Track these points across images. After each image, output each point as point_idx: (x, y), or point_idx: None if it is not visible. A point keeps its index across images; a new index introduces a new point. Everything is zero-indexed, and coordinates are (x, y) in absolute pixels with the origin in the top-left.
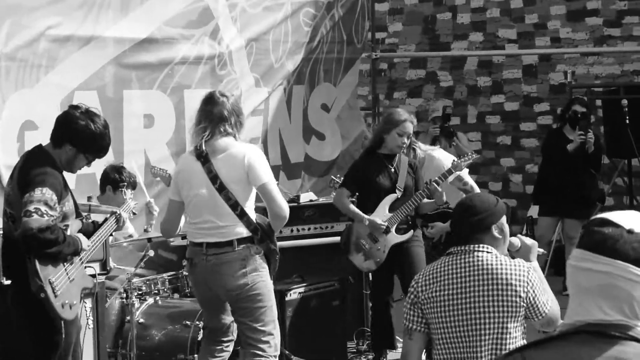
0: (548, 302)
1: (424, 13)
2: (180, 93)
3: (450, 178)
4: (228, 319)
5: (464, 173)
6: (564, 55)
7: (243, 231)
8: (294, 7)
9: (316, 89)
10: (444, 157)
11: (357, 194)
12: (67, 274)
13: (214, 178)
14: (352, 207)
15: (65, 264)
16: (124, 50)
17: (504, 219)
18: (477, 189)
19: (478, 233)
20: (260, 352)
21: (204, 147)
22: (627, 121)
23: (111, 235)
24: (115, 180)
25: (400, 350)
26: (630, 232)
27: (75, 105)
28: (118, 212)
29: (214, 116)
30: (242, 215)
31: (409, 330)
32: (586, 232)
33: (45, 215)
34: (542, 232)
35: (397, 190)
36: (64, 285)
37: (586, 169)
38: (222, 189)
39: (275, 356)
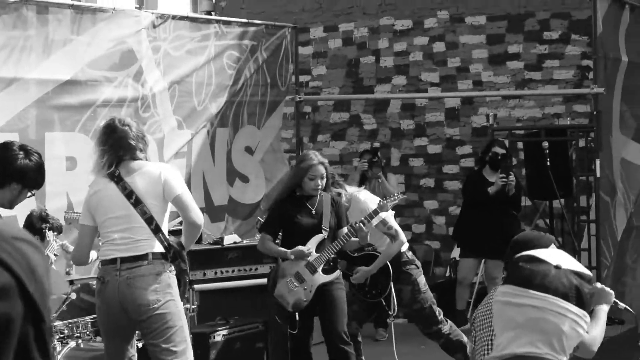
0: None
1: (347, 57)
2: None
3: (375, 221)
4: (129, 353)
5: (389, 216)
6: (485, 99)
7: (157, 246)
8: (217, 49)
9: (240, 132)
10: (369, 199)
11: (280, 235)
12: None
13: (129, 194)
14: (275, 246)
15: None
16: (47, 92)
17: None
18: (401, 233)
19: None
20: None
21: (116, 169)
22: (548, 163)
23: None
24: (41, 230)
25: None
26: (557, 267)
27: (5, 143)
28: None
29: (121, 146)
30: (157, 231)
31: None
32: (514, 269)
33: None
34: (464, 274)
35: (323, 231)
36: None
37: (507, 210)
38: (137, 203)
39: None
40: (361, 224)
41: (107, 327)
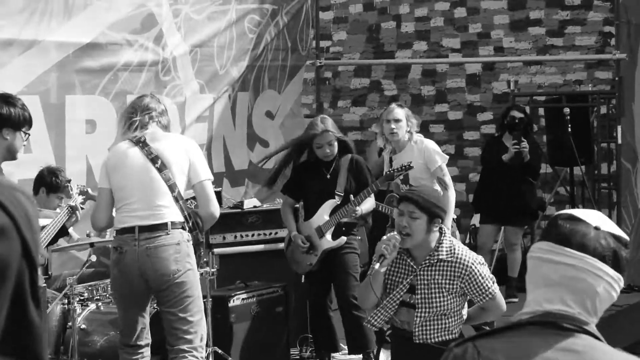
0: None
1: (368, 22)
2: (123, 98)
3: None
4: (145, 321)
5: (444, 165)
6: (507, 65)
7: (177, 215)
8: (239, 14)
9: (261, 96)
10: (432, 145)
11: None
12: None
13: (154, 158)
14: (288, 218)
15: None
16: (67, 54)
17: None
18: (451, 186)
19: None
20: (186, 346)
21: (141, 135)
22: (570, 129)
23: (66, 233)
24: (50, 184)
25: (344, 351)
26: (597, 228)
27: None
28: (71, 204)
29: (150, 110)
30: (178, 199)
31: None
32: (553, 226)
33: None
34: (484, 240)
35: (336, 196)
36: None
37: (524, 178)
38: (163, 168)
39: (202, 347)
40: (370, 190)
41: (124, 297)
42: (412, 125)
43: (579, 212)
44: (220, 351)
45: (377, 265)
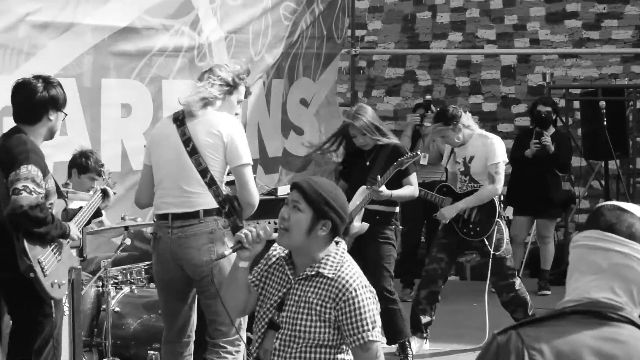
0: None
1: (403, 12)
2: (158, 83)
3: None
4: (188, 315)
5: (502, 164)
6: (542, 57)
7: (210, 201)
8: (274, 1)
9: (295, 84)
10: (498, 143)
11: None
12: (54, 253)
13: (187, 141)
14: None
15: (52, 244)
16: (103, 38)
17: None
18: (499, 183)
19: None
20: (221, 340)
21: (182, 112)
22: (605, 123)
23: (99, 214)
24: (81, 165)
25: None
26: None
27: (22, 81)
28: (103, 187)
29: (201, 80)
30: (211, 184)
31: None
32: (599, 214)
33: (33, 193)
34: (516, 232)
35: (368, 183)
36: (53, 264)
37: (551, 170)
38: (193, 152)
39: (238, 341)
40: (379, 177)
41: (162, 284)
42: (465, 119)
43: (623, 204)
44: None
45: (227, 252)
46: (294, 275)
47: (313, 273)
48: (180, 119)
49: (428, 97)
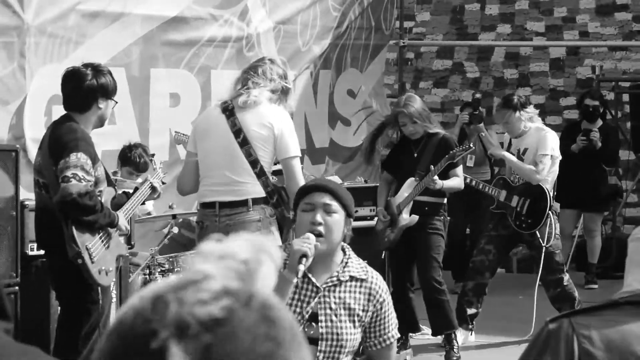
0: None
1: (452, 3)
2: (207, 73)
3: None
4: None
5: (547, 156)
6: (591, 50)
7: (259, 191)
8: None
9: (342, 75)
10: (551, 136)
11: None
12: (102, 240)
13: (237, 132)
14: (380, 191)
15: (101, 231)
16: (152, 28)
17: None
18: (544, 173)
19: None
20: None
21: (231, 102)
22: None
23: (143, 203)
24: (122, 156)
25: (425, 332)
26: None
27: (71, 70)
28: (151, 181)
29: (249, 73)
30: (261, 175)
31: None
32: None
33: (83, 180)
34: (563, 225)
35: (416, 174)
36: (101, 251)
37: (597, 164)
38: (244, 143)
39: None
40: (434, 167)
41: None
42: (525, 113)
43: None
44: None
45: (301, 267)
46: (319, 283)
47: (346, 278)
48: (230, 109)
49: (477, 95)
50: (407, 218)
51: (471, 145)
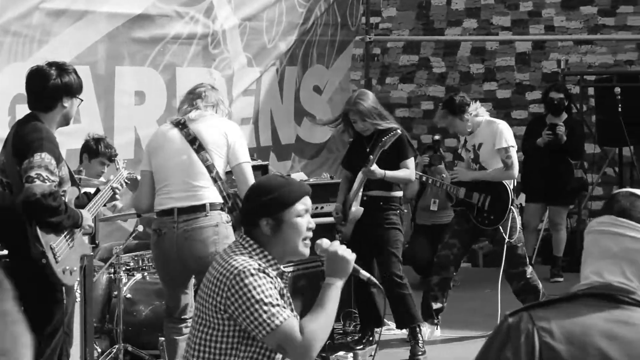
0: None
1: None
2: (172, 71)
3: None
4: (188, 297)
5: (513, 148)
6: (557, 44)
7: (216, 196)
8: None
9: (309, 71)
10: (504, 128)
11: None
12: (66, 240)
13: (193, 140)
14: (340, 194)
15: (65, 230)
16: (117, 26)
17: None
18: (515, 168)
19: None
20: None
21: (182, 118)
22: (620, 109)
23: (104, 205)
24: (92, 149)
25: (389, 327)
26: None
27: (36, 69)
28: (113, 184)
29: (194, 95)
30: (217, 180)
31: None
32: (613, 200)
33: (47, 181)
34: (528, 218)
35: (363, 169)
36: (65, 251)
37: (563, 158)
38: (200, 149)
39: None
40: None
41: (165, 277)
42: (473, 108)
43: (638, 190)
44: None
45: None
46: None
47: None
48: (182, 123)
49: (437, 137)
50: (354, 211)
51: (398, 131)
